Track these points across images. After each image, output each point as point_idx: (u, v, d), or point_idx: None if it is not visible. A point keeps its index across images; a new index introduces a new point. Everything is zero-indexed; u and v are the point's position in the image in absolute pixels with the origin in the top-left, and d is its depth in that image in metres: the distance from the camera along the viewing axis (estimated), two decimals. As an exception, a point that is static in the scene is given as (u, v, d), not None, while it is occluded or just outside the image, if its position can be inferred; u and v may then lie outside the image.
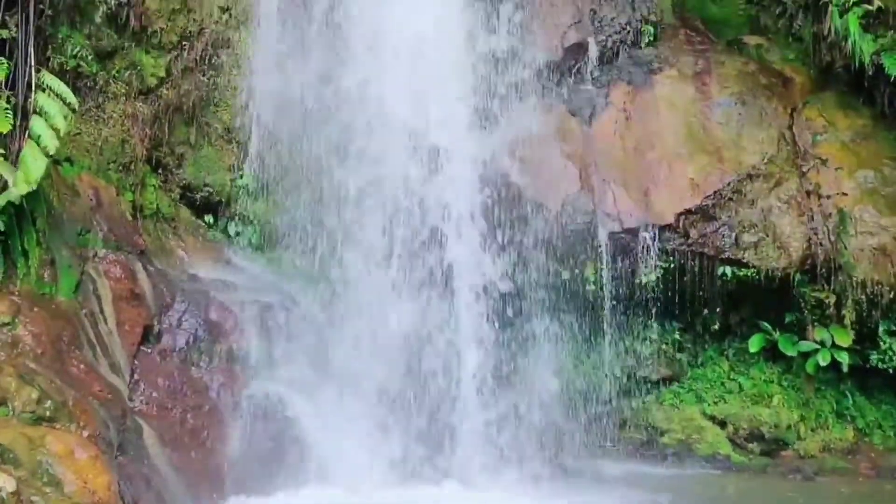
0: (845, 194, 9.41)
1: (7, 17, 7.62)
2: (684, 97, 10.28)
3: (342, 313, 8.95)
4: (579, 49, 10.50)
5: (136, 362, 7.29)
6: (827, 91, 10.13)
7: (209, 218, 9.58)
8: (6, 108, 6.82)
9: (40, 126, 6.96)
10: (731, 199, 9.68)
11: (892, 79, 9.21)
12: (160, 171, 9.35)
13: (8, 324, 6.40)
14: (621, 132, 10.21)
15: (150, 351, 7.50)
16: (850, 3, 9.37)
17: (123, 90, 8.98)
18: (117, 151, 8.74)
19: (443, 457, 8.49)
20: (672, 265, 9.70)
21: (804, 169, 9.70)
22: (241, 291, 8.58)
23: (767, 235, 9.55)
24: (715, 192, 9.67)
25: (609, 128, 10.25)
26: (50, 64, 8.10)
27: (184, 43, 9.46)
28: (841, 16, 9.40)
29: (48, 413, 5.83)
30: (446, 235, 9.21)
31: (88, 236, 7.60)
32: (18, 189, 6.42)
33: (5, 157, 6.83)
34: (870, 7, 9.27)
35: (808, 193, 9.61)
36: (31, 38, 7.62)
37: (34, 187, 6.56)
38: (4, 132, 6.79)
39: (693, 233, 9.69)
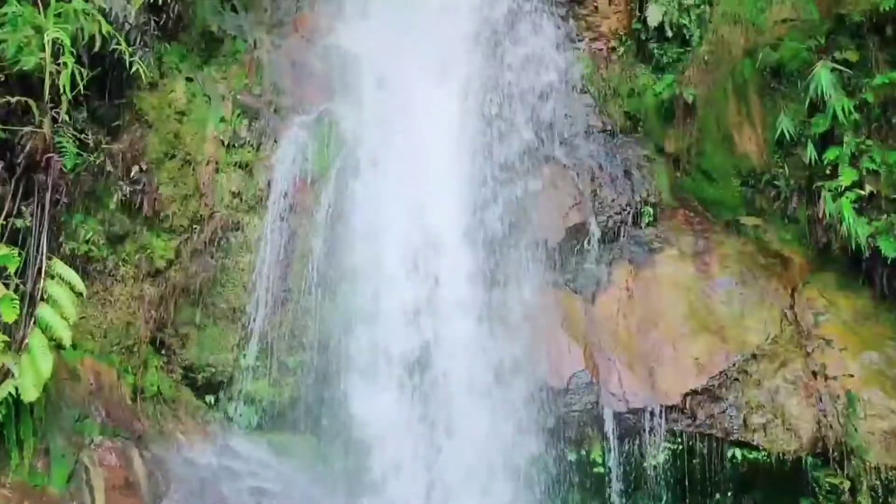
0: (851, 375, 9.26)
1: (23, 207, 7.91)
2: (686, 276, 10.39)
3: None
4: (581, 229, 10.72)
5: (124, 559, 7.05)
6: (826, 271, 10.18)
7: (210, 398, 9.52)
8: (13, 298, 6.92)
9: (49, 315, 7.06)
10: (736, 379, 9.58)
11: (890, 261, 9.32)
12: (163, 351, 9.39)
13: (-5, 520, 6.26)
14: (624, 311, 10.27)
15: (140, 545, 7.27)
16: (843, 187, 9.61)
17: (132, 273, 9.17)
18: (121, 334, 8.83)
19: None
20: (680, 447, 9.49)
21: (809, 349, 9.64)
22: (240, 477, 8.41)
23: (776, 417, 9.37)
24: (720, 373, 9.59)
25: (612, 306, 10.31)
26: (61, 250, 8.32)
27: (194, 226, 9.73)
28: (834, 200, 9.61)
29: None
30: (448, 415, 9.14)
31: (86, 422, 7.55)
32: (27, 395, 6.46)
33: (9, 346, 6.88)
34: (862, 192, 9.51)
35: (815, 374, 9.49)
36: (45, 227, 7.86)
37: (41, 389, 6.58)
38: (10, 321, 6.86)
39: (700, 413, 9.53)
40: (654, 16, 11.41)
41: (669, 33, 11.46)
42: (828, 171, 9.88)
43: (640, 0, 11.69)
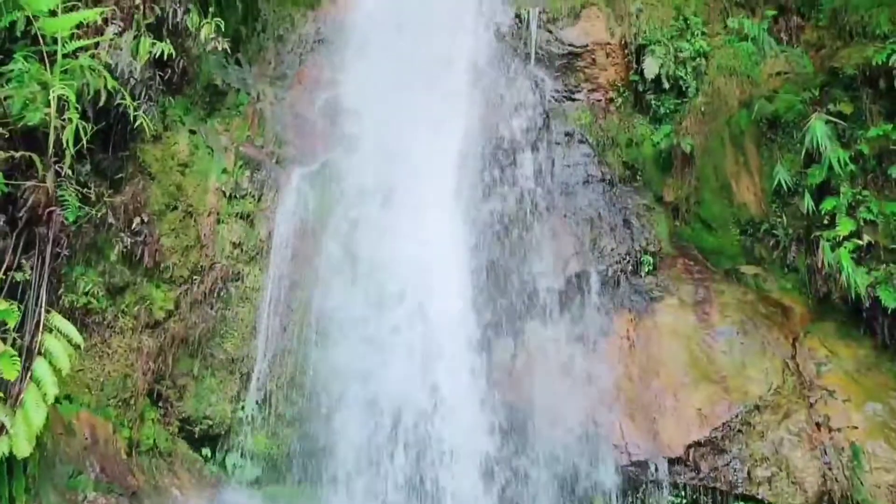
0: (855, 427, 9.13)
1: (24, 260, 7.90)
2: (686, 325, 10.33)
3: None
4: (581, 277, 10.71)
5: None
6: (827, 320, 10.12)
7: (207, 451, 9.45)
8: (13, 355, 6.88)
9: (43, 370, 7.03)
10: (740, 430, 9.46)
11: (890, 311, 9.27)
12: (160, 403, 9.35)
13: (-16, 579, 6.17)
14: (625, 360, 10.21)
15: None
16: (841, 237, 9.62)
17: (131, 324, 9.17)
18: (118, 387, 8.79)
19: None
20: (684, 500, 9.33)
21: (812, 400, 9.53)
22: (234, 532, 8.32)
23: (781, 470, 9.22)
24: (723, 424, 9.47)
25: (613, 355, 10.26)
26: (60, 302, 8.31)
27: (194, 277, 9.77)
28: (833, 250, 9.62)
29: None
30: (450, 475, 9.06)
31: (80, 478, 7.48)
32: (19, 451, 6.40)
33: (4, 401, 6.85)
34: (860, 242, 9.51)
35: (818, 426, 9.37)
36: (45, 280, 7.85)
37: (34, 443, 6.54)
38: (12, 379, 6.82)
39: (704, 466, 9.40)
40: (650, 68, 11.55)
41: (666, 85, 11.59)
42: (826, 221, 9.92)
43: (637, 53, 11.85)
